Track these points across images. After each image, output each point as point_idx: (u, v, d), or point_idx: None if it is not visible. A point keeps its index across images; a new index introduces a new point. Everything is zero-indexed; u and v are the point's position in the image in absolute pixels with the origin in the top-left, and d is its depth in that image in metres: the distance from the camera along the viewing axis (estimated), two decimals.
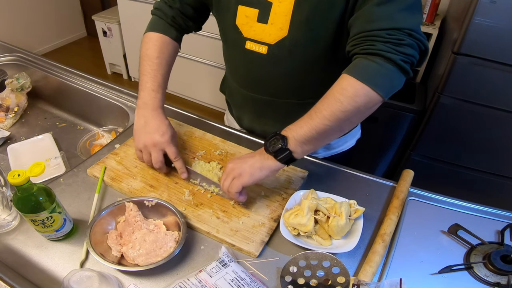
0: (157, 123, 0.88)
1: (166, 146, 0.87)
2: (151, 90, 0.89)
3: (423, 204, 0.90)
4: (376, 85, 0.70)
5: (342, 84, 0.72)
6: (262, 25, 0.82)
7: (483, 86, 1.60)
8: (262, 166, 0.78)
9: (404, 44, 0.69)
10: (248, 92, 0.97)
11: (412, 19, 0.70)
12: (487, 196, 1.91)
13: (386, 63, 0.70)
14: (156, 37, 0.92)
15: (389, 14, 0.69)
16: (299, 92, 0.91)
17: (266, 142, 0.78)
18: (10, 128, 1.25)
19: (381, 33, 0.69)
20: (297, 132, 0.75)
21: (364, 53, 0.72)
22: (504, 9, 1.39)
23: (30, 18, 3.41)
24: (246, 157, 0.80)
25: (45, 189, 0.71)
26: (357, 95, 0.70)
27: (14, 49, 1.45)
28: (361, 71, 0.71)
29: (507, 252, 0.75)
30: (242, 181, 0.77)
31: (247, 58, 0.89)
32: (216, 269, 0.70)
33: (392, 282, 0.69)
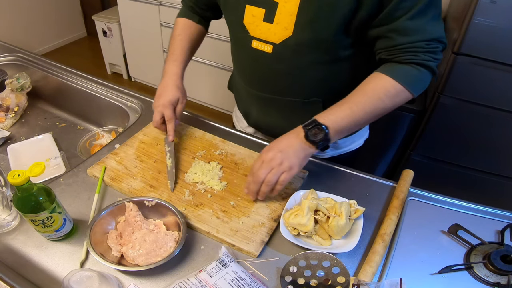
0: (164, 87, 0.98)
1: (163, 109, 0.96)
2: (170, 61, 1.02)
3: (423, 204, 0.90)
4: (415, 89, 0.81)
5: (386, 85, 0.80)
6: (268, 24, 0.84)
7: (483, 86, 1.59)
8: (306, 155, 0.82)
9: (438, 51, 0.79)
10: (254, 90, 0.99)
11: (440, 27, 0.78)
12: (487, 196, 1.91)
13: (425, 69, 0.79)
14: (181, 20, 1.07)
15: (422, 27, 0.76)
16: (304, 91, 0.93)
17: (307, 131, 0.80)
18: (10, 128, 1.25)
19: (421, 44, 0.77)
20: (338, 124, 0.80)
21: (408, 62, 0.79)
22: (504, 9, 1.39)
23: (30, 18, 3.41)
24: (285, 147, 0.81)
25: (45, 189, 0.71)
26: (398, 96, 0.81)
27: (14, 49, 1.45)
28: (405, 77, 0.80)
29: (507, 252, 0.75)
30: (293, 173, 0.80)
31: (253, 56, 0.91)
32: (216, 269, 0.70)
33: (392, 282, 0.69)
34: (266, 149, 0.83)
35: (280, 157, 0.79)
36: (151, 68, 3.07)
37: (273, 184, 0.80)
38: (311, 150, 0.81)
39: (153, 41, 2.83)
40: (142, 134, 1.05)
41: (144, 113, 1.16)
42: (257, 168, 0.81)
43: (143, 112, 1.16)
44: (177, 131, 1.07)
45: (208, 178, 0.92)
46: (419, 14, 0.74)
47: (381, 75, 0.81)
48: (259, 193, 0.83)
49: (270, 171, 0.79)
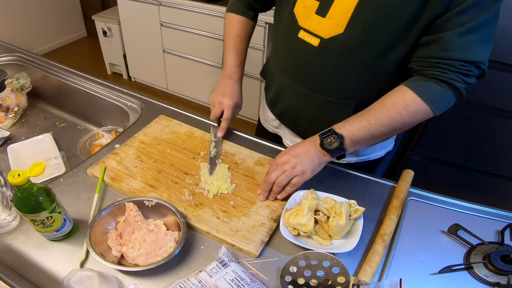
0: (231, 90, 1.05)
1: (226, 108, 1.03)
2: (234, 65, 1.06)
3: (423, 204, 0.90)
4: (438, 107, 0.78)
5: (406, 99, 0.78)
6: (319, 17, 0.82)
7: (483, 86, 1.59)
8: (320, 162, 0.83)
9: (471, 75, 0.75)
10: (289, 80, 0.98)
11: (485, 52, 0.75)
12: (487, 196, 1.91)
13: (450, 89, 0.77)
14: (237, 18, 1.07)
15: (466, 46, 0.73)
16: (339, 91, 0.91)
17: (322, 139, 0.82)
18: (10, 128, 1.25)
19: (455, 63, 0.74)
20: (354, 134, 0.80)
21: (434, 78, 0.77)
22: (504, 9, 1.38)
23: (30, 18, 3.42)
24: (301, 154, 0.83)
25: (45, 189, 0.71)
26: (418, 112, 0.78)
27: (14, 49, 1.45)
28: (428, 93, 0.77)
29: (507, 252, 0.75)
30: (305, 178, 0.83)
31: (297, 47, 0.90)
32: (216, 269, 0.70)
33: (392, 282, 0.69)
34: (282, 153, 0.86)
35: (293, 162, 0.82)
36: (151, 68, 3.07)
37: (283, 185, 0.84)
38: (326, 158, 0.83)
39: (153, 41, 2.83)
40: (142, 134, 1.05)
41: (144, 113, 1.16)
42: (271, 170, 0.85)
43: (143, 112, 1.16)
44: (177, 132, 1.07)
45: (221, 182, 0.91)
46: (469, 32, 0.71)
47: (404, 89, 0.79)
48: (271, 193, 0.87)
49: (283, 173, 0.83)
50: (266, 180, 0.85)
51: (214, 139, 1.04)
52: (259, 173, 0.95)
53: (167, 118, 1.12)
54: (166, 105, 1.19)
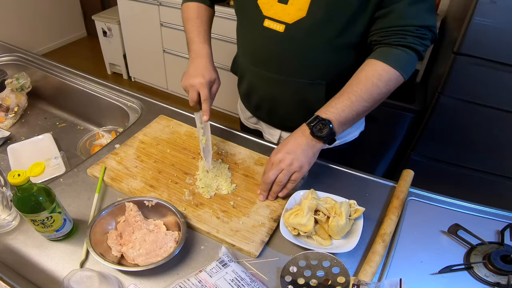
0: (201, 67, 0.96)
1: (201, 88, 0.93)
2: (199, 43, 1.00)
3: (423, 204, 0.90)
4: (406, 71, 0.84)
5: (377, 70, 0.83)
6: (282, 5, 0.87)
7: (483, 86, 1.59)
8: (314, 152, 0.85)
9: (426, 38, 0.84)
10: (260, 70, 1.00)
11: (433, 18, 0.84)
12: (487, 196, 1.91)
13: (413, 53, 0.84)
14: (193, 4, 1.05)
15: (418, 13, 0.81)
16: (310, 73, 0.94)
17: (312, 127, 0.83)
18: (10, 128, 1.25)
19: (411, 29, 0.82)
20: (340, 115, 0.83)
21: (396, 44, 0.84)
22: (504, 9, 1.39)
23: (30, 18, 3.42)
24: (294, 149, 0.84)
25: (45, 189, 0.71)
26: (390, 79, 0.83)
27: (14, 49, 1.45)
28: (394, 59, 0.83)
29: (507, 252, 0.75)
30: (303, 172, 0.84)
31: (264, 36, 0.93)
32: (216, 269, 0.70)
33: (392, 282, 0.69)
34: (275, 151, 0.86)
35: (289, 158, 0.83)
36: (151, 68, 3.07)
37: (284, 183, 0.84)
38: (319, 146, 0.84)
39: (153, 41, 2.83)
40: (142, 134, 1.05)
41: (144, 113, 1.16)
42: (267, 169, 0.85)
43: (143, 112, 1.17)
44: (177, 132, 1.07)
45: (222, 182, 0.91)
46: (417, 2, 0.80)
47: (373, 61, 0.84)
48: (270, 193, 0.87)
49: (281, 172, 0.83)
50: (264, 180, 0.86)
51: (201, 125, 0.96)
52: (259, 173, 0.95)
53: (167, 118, 1.12)
54: (166, 105, 1.20)
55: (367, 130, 1.21)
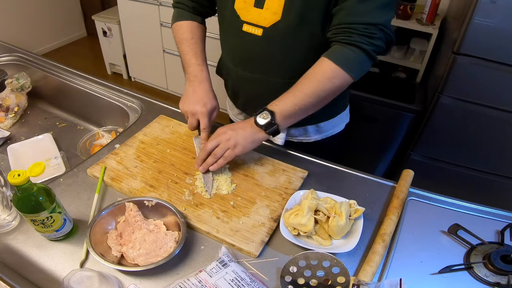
0: (201, 94, 0.98)
1: (201, 117, 0.96)
2: (197, 65, 1.01)
3: (423, 204, 0.90)
4: (351, 70, 0.85)
5: (323, 67, 0.86)
6: (258, 9, 0.90)
7: (483, 86, 1.59)
8: (253, 140, 0.89)
9: (376, 37, 0.82)
10: (243, 71, 1.04)
11: (385, 16, 0.83)
12: (487, 196, 1.91)
13: (360, 51, 0.83)
14: (186, 23, 1.05)
15: (367, 11, 0.81)
16: (288, 72, 0.98)
17: (255, 116, 0.88)
18: (10, 128, 1.25)
19: (358, 27, 0.82)
20: (283, 108, 0.87)
21: (342, 42, 0.84)
22: (504, 9, 1.39)
23: (30, 18, 3.41)
24: (238, 128, 0.89)
25: (45, 189, 0.71)
26: (335, 77, 0.85)
27: (14, 49, 1.45)
28: (340, 58, 0.84)
29: (507, 252, 0.75)
30: (236, 152, 0.88)
31: (244, 39, 0.97)
32: (216, 269, 0.70)
33: (392, 282, 0.69)
34: (223, 127, 0.91)
35: (229, 134, 0.88)
36: (151, 68, 3.07)
37: (218, 157, 0.88)
38: (260, 135, 0.89)
39: (153, 41, 2.83)
40: (142, 134, 1.05)
41: (144, 113, 1.16)
42: (209, 140, 0.90)
43: (143, 112, 1.17)
44: (177, 132, 1.07)
45: (222, 182, 0.91)
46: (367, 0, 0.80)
47: (322, 59, 0.87)
48: (203, 164, 0.90)
49: (218, 145, 0.88)
50: (202, 149, 0.91)
51: None
52: (259, 173, 0.95)
53: (167, 118, 1.12)
54: (166, 105, 1.20)
55: (367, 130, 1.21)
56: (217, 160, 0.88)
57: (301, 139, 1.14)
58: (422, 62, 2.05)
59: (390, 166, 2.17)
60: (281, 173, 0.95)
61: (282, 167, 0.97)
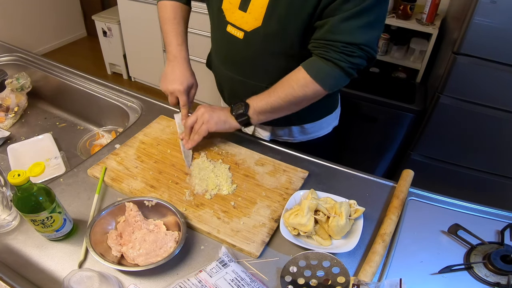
0: (179, 73, 1.01)
1: (179, 94, 1.00)
2: (177, 45, 1.03)
3: (423, 204, 0.90)
4: (324, 83, 0.88)
5: (298, 75, 0.89)
6: (242, 13, 0.91)
7: (483, 86, 1.59)
8: (226, 121, 0.96)
9: (355, 55, 0.84)
10: (226, 71, 1.07)
11: (367, 35, 0.83)
12: (487, 196, 1.91)
13: (335, 68, 0.85)
14: (170, 3, 1.07)
15: (349, 30, 0.81)
16: (267, 77, 0.99)
17: (232, 105, 0.96)
18: (10, 128, 1.25)
19: (337, 44, 0.83)
20: (257, 104, 0.93)
21: (320, 56, 0.86)
22: (504, 9, 1.39)
23: (30, 18, 3.41)
24: (216, 109, 0.97)
25: (45, 189, 0.71)
26: (307, 86, 0.88)
27: (14, 49, 1.45)
28: (314, 70, 0.87)
29: (507, 252, 0.75)
30: (209, 126, 0.94)
31: (227, 39, 0.99)
32: (216, 269, 0.70)
33: (392, 282, 0.69)
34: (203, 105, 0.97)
35: (205, 110, 0.95)
36: (151, 68, 3.07)
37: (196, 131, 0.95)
38: (232, 121, 0.96)
39: (153, 41, 2.83)
40: (143, 135, 1.05)
41: (144, 113, 1.16)
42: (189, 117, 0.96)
43: (143, 112, 1.16)
44: (177, 132, 1.07)
45: (223, 182, 0.91)
46: (352, 18, 0.80)
47: (299, 67, 0.90)
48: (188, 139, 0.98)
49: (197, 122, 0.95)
50: (184, 125, 0.98)
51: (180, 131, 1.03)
52: (259, 173, 0.95)
53: (168, 119, 1.12)
54: (166, 105, 1.19)
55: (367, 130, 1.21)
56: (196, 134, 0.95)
57: (286, 139, 1.17)
58: (422, 62, 2.05)
59: (390, 166, 2.17)
60: (281, 173, 0.95)
61: (283, 167, 0.97)
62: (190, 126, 0.96)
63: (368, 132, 2.06)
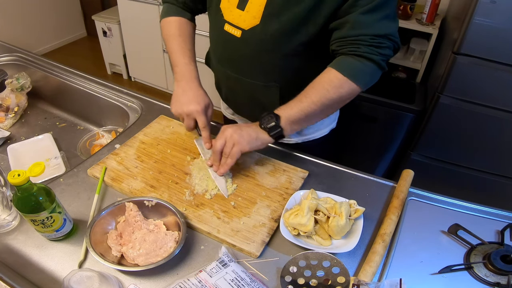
0: (193, 93, 0.97)
1: (197, 116, 0.95)
2: (185, 64, 1.00)
3: (423, 204, 0.90)
4: (358, 80, 0.85)
5: (330, 76, 0.86)
6: (240, 11, 0.91)
7: (483, 86, 1.59)
8: (257, 137, 0.89)
9: (384, 46, 0.83)
10: (223, 68, 1.06)
11: (391, 26, 0.84)
12: (487, 196, 1.91)
13: (368, 62, 0.84)
14: (174, 19, 1.04)
15: (372, 22, 0.81)
16: (264, 75, 0.99)
17: (261, 118, 0.89)
18: (10, 128, 1.25)
19: (365, 38, 0.82)
20: (288, 113, 0.87)
21: (350, 54, 0.84)
22: (504, 9, 1.39)
23: (30, 18, 3.41)
24: (243, 126, 0.90)
25: (45, 189, 0.71)
26: (342, 86, 0.85)
27: (14, 49, 1.45)
28: (347, 68, 0.85)
29: (507, 252, 0.75)
30: (241, 147, 0.87)
31: (225, 38, 0.98)
32: (216, 269, 0.70)
33: (392, 282, 0.69)
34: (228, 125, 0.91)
35: (233, 130, 0.88)
36: (151, 68, 3.07)
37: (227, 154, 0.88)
38: (264, 136, 0.89)
39: (153, 41, 2.83)
40: (143, 135, 1.05)
41: (144, 113, 1.16)
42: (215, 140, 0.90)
43: (143, 112, 1.17)
44: (177, 132, 1.07)
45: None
46: (371, 11, 0.80)
47: (328, 69, 0.87)
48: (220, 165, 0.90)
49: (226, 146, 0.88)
50: (213, 150, 0.90)
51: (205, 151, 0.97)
52: (259, 173, 0.95)
53: (168, 119, 1.12)
54: (166, 105, 1.20)
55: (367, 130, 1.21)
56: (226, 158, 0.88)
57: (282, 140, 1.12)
58: (422, 62, 2.05)
59: (390, 166, 2.17)
60: (281, 173, 0.95)
61: (283, 167, 0.97)
62: (219, 151, 0.88)
63: (368, 132, 2.06)
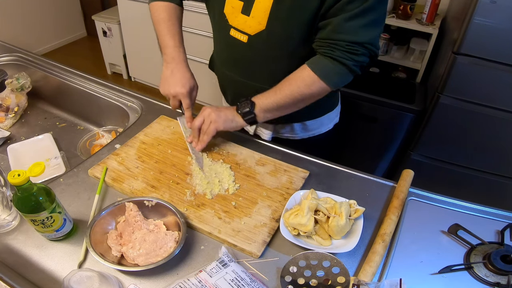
0: (180, 75, 1.00)
1: (182, 98, 1.00)
2: (174, 47, 1.02)
3: (423, 204, 0.90)
4: (329, 81, 0.90)
5: (303, 73, 0.91)
6: (245, 16, 0.92)
7: (483, 86, 1.59)
8: (233, 119, 0.96)
9: (359, 53, 0.86)
10: (229, 72, 1.08)
11: (370, 34, 0.85)
12: (487, 196, 1.91)
13: (340, 66, 0.87)
14: (163, 4, 1.05)
15: (353, 29, 0.83)
16: (270, 79, 0.99)
17: (238, 103, 0.96)
18: (10, 128, 1.25)
19: (342, 44, 0.85)
20: (263, 102, 0.94)
21: (325, 55, 0.88)
22: (504, 9, 1.39)
23: (30, 18, 3.41)
24: (222, 108, 0.97)
25: (45, 189, 0.71)
26: (313, 84, 0.90)
27: (14, 49, 1.45)
28: (320, 68, 0.89)
29: (507, 252, 0.75)
30: (217, 126, 0.95)
31: (230, 43, 1.00)
32: (216, 269, 0.70)
33: (392, 282, 0.69)
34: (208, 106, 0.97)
35: (211, 110, 0.95)
36: (151, 68, 3.07)
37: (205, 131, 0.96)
38: (238, 119, 0.96)
39: (153, 41, 2.81)
40: (143, 135, 1.05)
41: (144, 113, 1.16)
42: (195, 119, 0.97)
43: (143, 112, 1.16)
44: (178, 132, 1.07)
45: (225, 179, 0.92)
46: (355, 17, 0.82)
47: (304, 66, 0.91)
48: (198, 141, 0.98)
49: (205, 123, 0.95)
50: (192, 127, 0.98)
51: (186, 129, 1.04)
52: (260, 173, 0.95)
53: (168, 119, 1.12)
54: (167, 105, 1.20)
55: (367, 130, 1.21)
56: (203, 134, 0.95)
57: (288, 136, 1.18)
58: (422, 62, 2.05)
59: (390, 166, 2.17)
60: (282, 173, 0.95)
61: (284, 167, 0.97)
62: (197, 128, 0.96)
63: (368, 132, 2.06)
